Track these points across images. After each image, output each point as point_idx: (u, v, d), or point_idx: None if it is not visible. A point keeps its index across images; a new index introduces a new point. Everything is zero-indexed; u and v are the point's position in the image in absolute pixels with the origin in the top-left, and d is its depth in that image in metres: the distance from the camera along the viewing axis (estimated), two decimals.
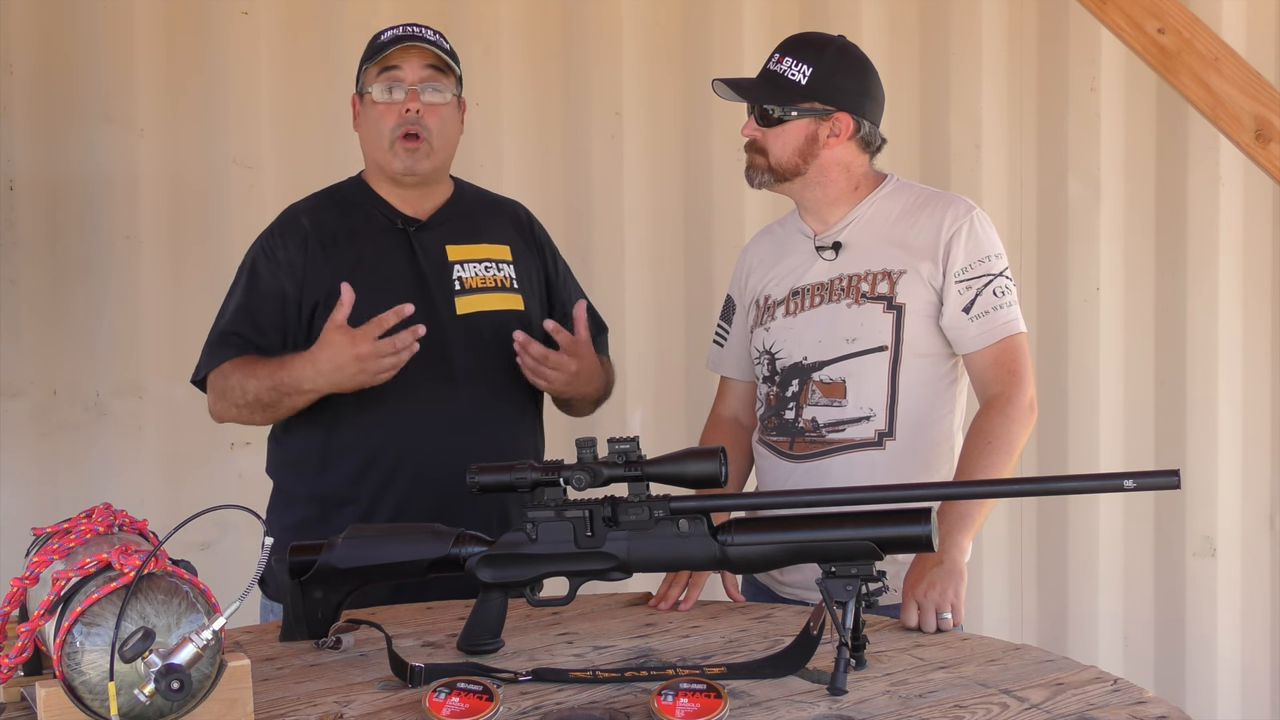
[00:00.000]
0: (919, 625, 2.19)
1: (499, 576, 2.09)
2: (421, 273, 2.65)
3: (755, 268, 2.70)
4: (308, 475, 2.65)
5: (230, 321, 2.63)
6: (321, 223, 2.67)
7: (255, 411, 2.58)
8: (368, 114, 2.66)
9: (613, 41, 3.87)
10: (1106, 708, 1.78)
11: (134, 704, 1.59)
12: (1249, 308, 4.27)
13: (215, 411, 2.65)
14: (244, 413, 2.59)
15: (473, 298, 2.67)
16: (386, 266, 2.64)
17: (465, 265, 2.70)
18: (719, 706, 1.75)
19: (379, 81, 2.63)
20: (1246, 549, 4.33)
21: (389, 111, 2.62)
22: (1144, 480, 1.91)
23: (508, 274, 2.73)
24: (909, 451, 2.49)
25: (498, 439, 2.65)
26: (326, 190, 2.78)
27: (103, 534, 1.83)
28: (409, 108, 2.61)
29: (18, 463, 3.43)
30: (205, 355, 2.65)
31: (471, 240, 2.72)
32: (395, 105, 2.62)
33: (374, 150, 2.67)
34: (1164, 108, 4.18)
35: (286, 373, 2.51)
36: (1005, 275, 2.51)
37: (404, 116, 2.61)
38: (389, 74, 2.63)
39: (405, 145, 2.62)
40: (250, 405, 2.56)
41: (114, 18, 3.44)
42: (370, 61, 2.65)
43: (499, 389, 2.65)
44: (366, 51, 2.69)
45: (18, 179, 3.40)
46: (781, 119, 2.52)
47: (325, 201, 2.74)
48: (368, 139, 2.68)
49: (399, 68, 2.62)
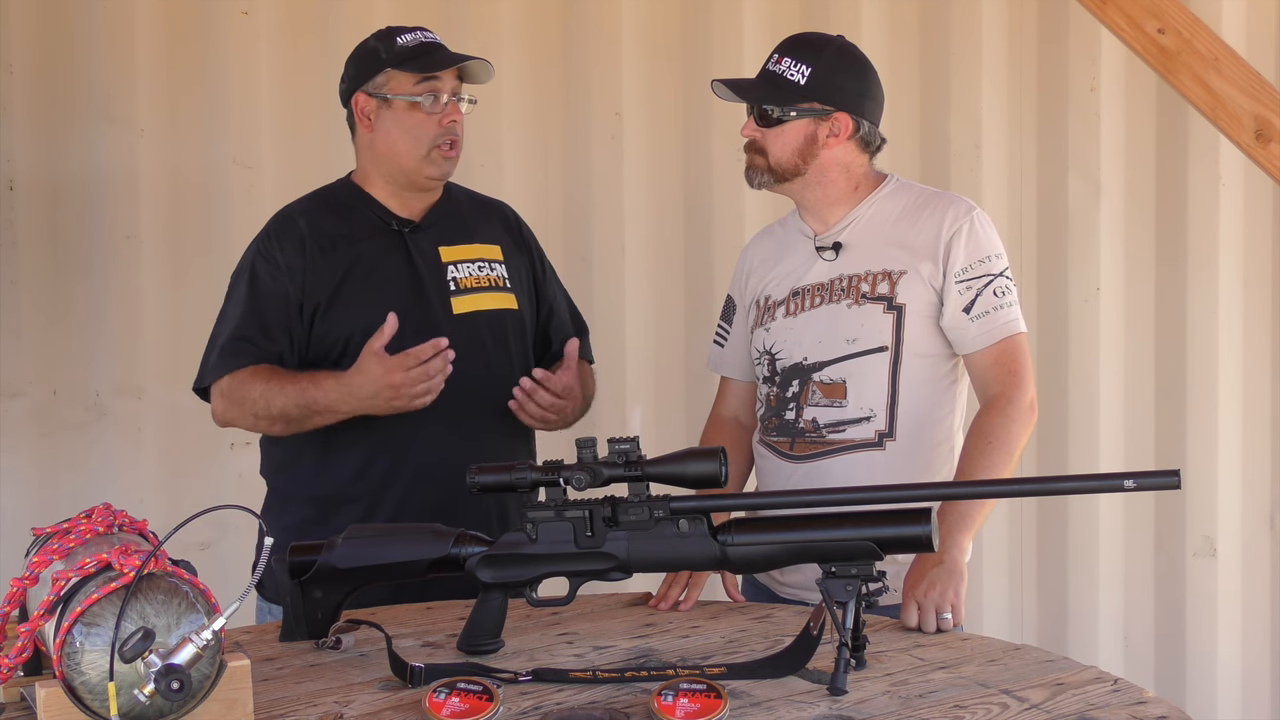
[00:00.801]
0: (919, 625, 2.19)
1: (499, 576, 2.09)
2: (418, 274, 2.66)
3: (755, 268, 2.70)
4: (305, 476, 2.64)
5: (240, 326, 2.61)
6: (317, 225, 2.66)
7: (276, 424, 2.57)
8: (401, 119, 2.63)
9: (613, 41, 3.87)
10: (1106, 708, 1.78)
11: (134, 704, 1.59)
12: (1249, 308, 4.27)
13: (225, 417, 2.63)
14: (262, 423, 2.58)
15: (468, 297, 2.68)
16: (385, 268, 2.65)
17: (459, 265, 2.70)
18: (719, 706, 1.75)
19: (420, 90, 2.62)
20: (1247, 549, 4.33)
21: (429, 121, 2.62)
22: (1144, 480, 1.91)
23: (500, 273, 2.74)
24: (909, 452, 2.49)
25: (495, 439, 2.65)
26: (318, 192, 2.76)
27: (103, 534, 1.83)
28: (453, 119, 2.63)
29: (18, 463, 3.43)
30: (215, 360, 2.62)
31: (463, 240, 2.73)
32: (435, 115, 2.62)
33: (403, 155, 2.64)
34: (1164, 108, 4.18)
35: (320, 392, 2.50)
36: (1005, 275, 2.51)
37: (444, 126, 2.62)
38: (431, 83, 2.62)
39: (445, 154, 2.64)
40: (273, 418, 2.55)
41: (114, 18, 3.44)
42: (403, 67, 2.62)
43: (495, 389, 2.65)
44: (388, 53, 2.64)
45: (18, 179, 3.40)
46: (781, 119, 2.52)
47: (318, 204, 2.73)
48: (394, 142, 2.64)
49: (439, 77, 2.62)
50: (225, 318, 2.66)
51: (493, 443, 2.63)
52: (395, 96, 2.63)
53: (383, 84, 2.64)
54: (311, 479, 2.63)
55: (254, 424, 2.59)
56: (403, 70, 2.63)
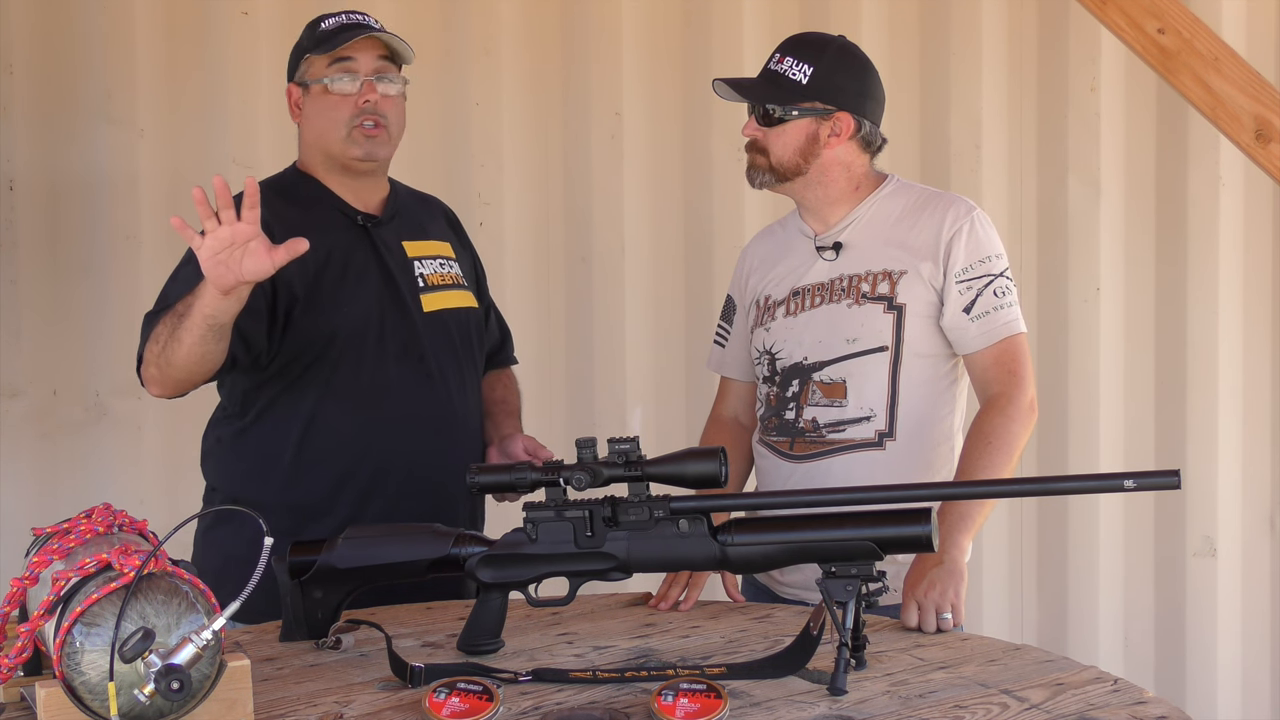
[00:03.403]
0: (919, 625, 2.19)
1: (499, 576, 2.09)
2: (389, 270, 2.60)
3: (756, 268, 2.70)
4: (275, 483, 2.53)
5: (165, 298, 2.45)
6: (281, 217, 2.47)
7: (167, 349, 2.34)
8: (318, 104, 2.58)
9: (613, 41, 3.87)
10: (1106, 708, 1.78)
11: (134, 704, 1.59)
12: (1249, 308, 4.27)
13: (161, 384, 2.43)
14: (175, 368, 2.36)
15: (436, 295, 2.64)
16: (358, 264, 2.58)
17: (423, 262, 2.66)
18: (719, 706, 1.75)
19: (332, 71, 2.56)
20: (1247, 549, 4.32)
21: (344, 102, 2.56)
22: (1144, 480, 1.91)
23: (457, 271, 2.72)
24: (909, 452, 2.49)
25: (473, 438, 2.64)
26: (269, 181, 2.55)
27: (102, 534, 1.83)
28: (367, 99, 2.55)
29: (18, 463, 3.42)
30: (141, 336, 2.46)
31: (420, 237, 2.69)
32: (350, 96, 2.56)
33: (326, 140, 2.58)
34: (1164, 108, 4.18)
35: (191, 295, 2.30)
36: (1006, 276, 2.51)
37: (360, 107, 2.55)
38: (343, 64, 2.56)
39: (365, 132, 2.56)
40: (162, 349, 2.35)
41: (114, 18, 3.44)
42: (317, 50, 2.57)
43: (467, 388, 2.64)
44: (309, 40, 2.61)
45: (18, 179, 3.40)
46: (782, 119, 2.52)
47: (275, 193, 2.51)
48: (317, 129, 2.59)
49: (353, 58, 2.56)
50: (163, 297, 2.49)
51: (472, 442, 2.62)
52: (314, 81, 2.58)
53: (304, 71, 2.60)
54: (284, 488, 2.52)
55: (171, 373, 2.38)
56: (316, 53, 2.58)
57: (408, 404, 2.55)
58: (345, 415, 2.52)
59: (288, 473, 2.54)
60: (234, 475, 2.60)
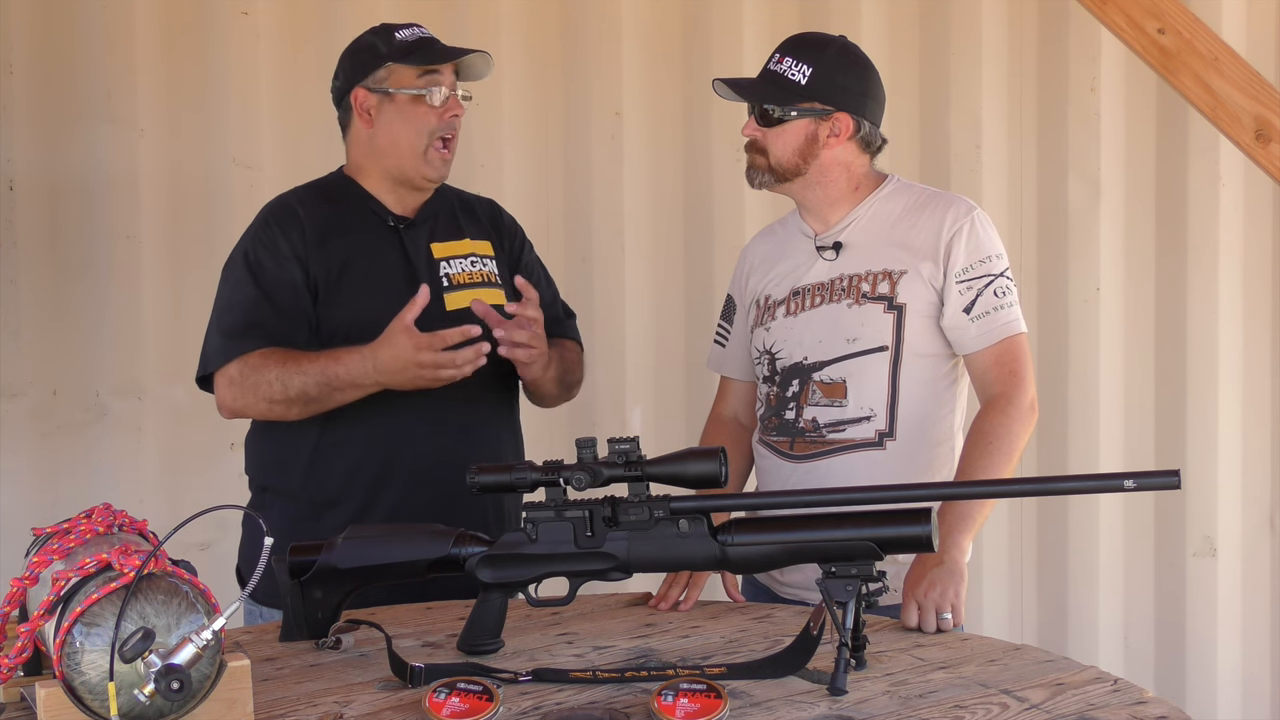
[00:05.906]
0: (919, 625, 2.19)
1: (499, 576, 2.09)
2: (413, 270, 2.64)
3: (756, 268, 2.70)
4: (296, 474, 2.61)
5: (249, 311, 2.56)
6: (314, 215, 2.64)
7: (293, 406, 2.50)
8: (404, 112, 2.62)
9: (613, 41, 3.87)
10: (1106, 708, 1.78)
11: (134, 704, 1.59)
12: (1249, 308, 4.27)
13: (234, 406, 2.56)
14: (277, 408, 2.52)
15: (460, 293, 2.65)
16: (382, 264, 2.63)
17: (450, 262, 2.68)
18: (719, 706, 1.75)
19: (423, 83, 2.61)
20: (1247, 549, 4.33)
21: (431, 113, 2.61)
22: (1144, 480, 1.91)
23: (491, 269, 2.73)
24: (909, 452, 2.49)
25: (487, 438, 2.65)
26: (313, 184, 2.74)
27: (103, 534, 1.83)
28: (455, 113, 2.63)
29: (18, 463, 3.43)
30: (220, 346, 2.56)
31: (454, 237, 2.72)
32: (436, 109, 2.61)
33: (401, 147, 2.63)
34: (1164, 108, 4.18)
35: (342, 368, 2.46)
36: (1006, 276, 2.51)
37: (445, 120, 2.62)
38: (431, 76, 2.61)
39: (441, 155, 2.63)
40: (290, 400, 2.49)
41: (114, 17, 3.44)
42: (407, 60, 2.61)
43: (486, 387, 2.64)
44: (388, 47, 2.63)
45: (18, 179, 3.40)
46: (782, 119, 2.52)
47: (315, 194, 2.70)
48: (393, 135, 2.63)
49: (439, 71, 2.62)
50: (228, 305, 2.60)
51: (485, 442, 2.63)
52: (398, 90, 2.62)
53: (384, 78, 2.63)
54: (304, 478, 2.60)
55: (268, 409, 2.53)
56: (405, 64, 2.62)
57: (422, 400, 2.55)
58: (364, 411, 2.54)
59: (306, 464, 2.60)
60: (263, 465, 2.68)
